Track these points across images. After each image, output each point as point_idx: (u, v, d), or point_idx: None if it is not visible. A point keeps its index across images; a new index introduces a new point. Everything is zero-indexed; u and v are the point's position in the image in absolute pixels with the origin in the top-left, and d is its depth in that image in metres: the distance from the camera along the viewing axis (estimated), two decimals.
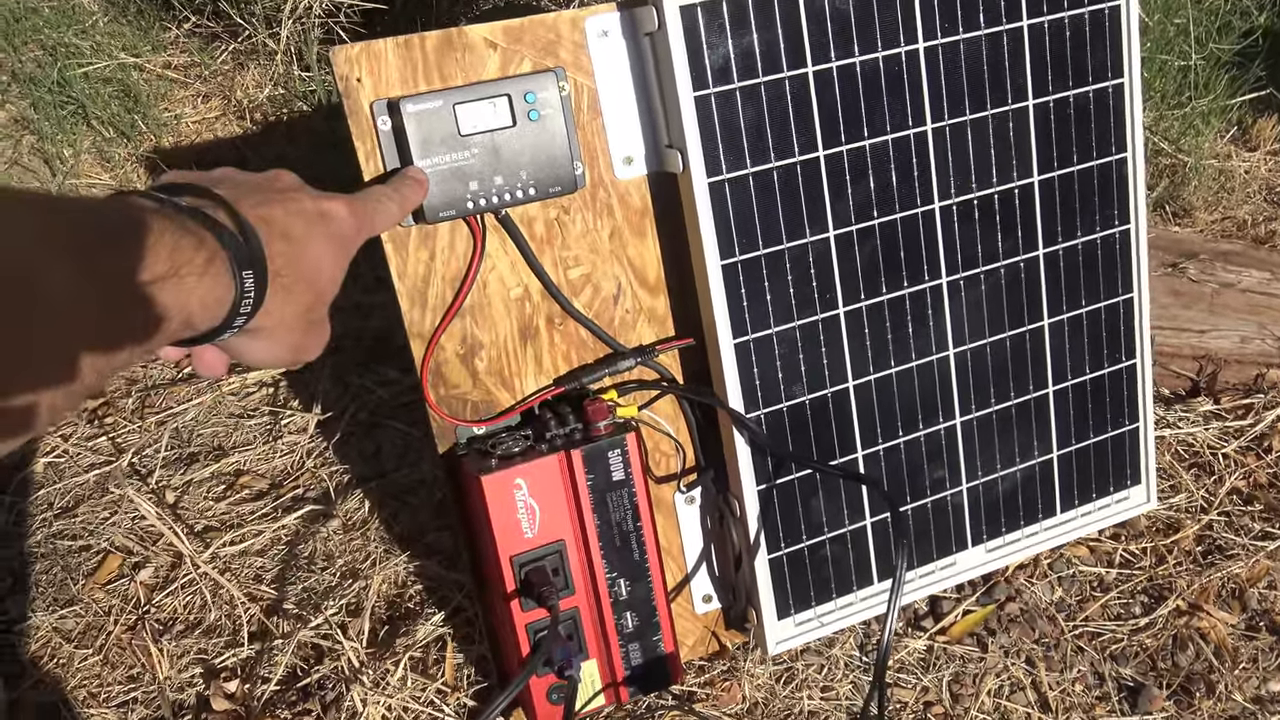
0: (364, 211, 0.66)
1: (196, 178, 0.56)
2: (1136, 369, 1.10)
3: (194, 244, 0.47)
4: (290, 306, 0.55)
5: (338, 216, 0.61)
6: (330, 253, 0.59)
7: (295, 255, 0.56)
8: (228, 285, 0.50)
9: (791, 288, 0.93)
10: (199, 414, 1.42)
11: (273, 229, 0.54)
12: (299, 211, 0.58)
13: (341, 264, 0.61)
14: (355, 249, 0.64)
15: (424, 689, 1.03)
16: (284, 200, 0.57)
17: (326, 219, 0.60)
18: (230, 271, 0.50)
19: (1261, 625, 1.11)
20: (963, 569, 1.07)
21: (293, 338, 0.57)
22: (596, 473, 0.88)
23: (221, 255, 0.49)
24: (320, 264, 0.58)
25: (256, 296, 0.52)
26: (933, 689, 1.05)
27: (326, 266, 0.58)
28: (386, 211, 0.72)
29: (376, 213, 0.69)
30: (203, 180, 0.56)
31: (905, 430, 1.02)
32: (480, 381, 0.92)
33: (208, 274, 0.48)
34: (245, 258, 0.51)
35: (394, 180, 0.79)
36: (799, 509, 0.99)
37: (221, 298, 0.49)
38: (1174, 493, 1.26)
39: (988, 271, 1.01)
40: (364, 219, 0.65)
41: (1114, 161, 1.04)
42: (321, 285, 0.58)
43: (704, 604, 1.05)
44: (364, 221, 0.65)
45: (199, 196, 0.52)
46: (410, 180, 0.80)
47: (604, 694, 0.95)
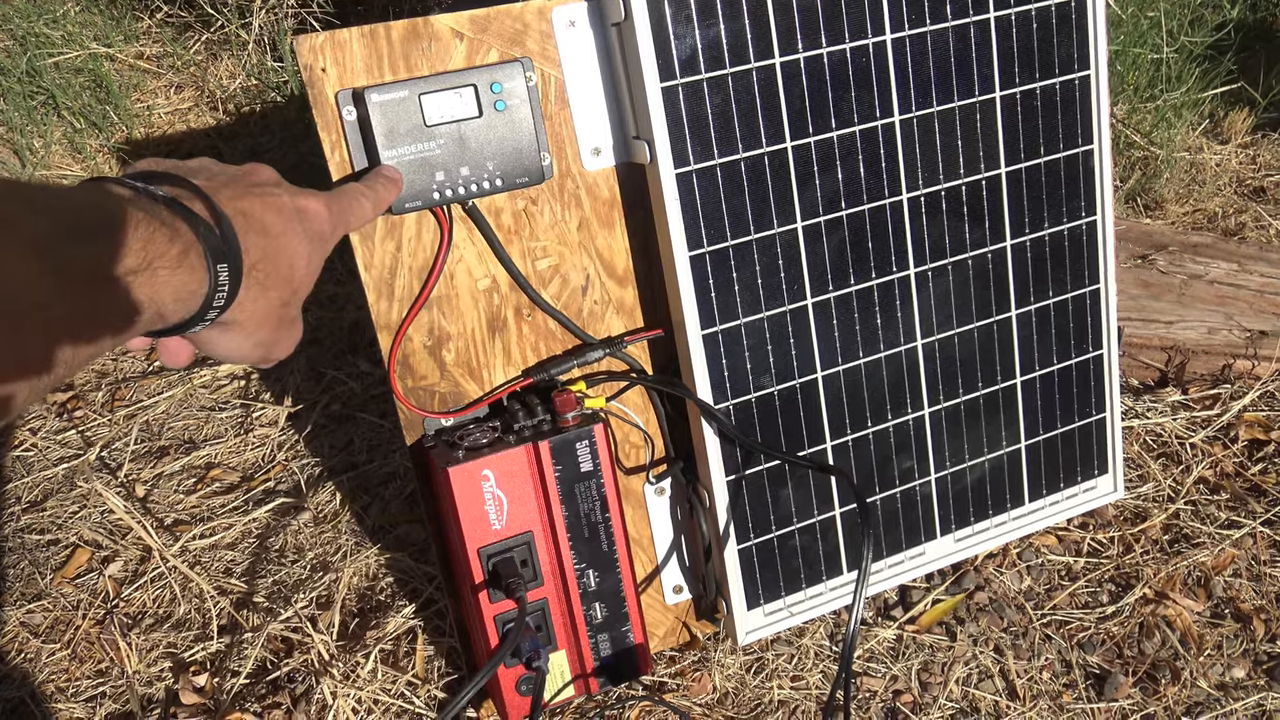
0: (340, 209, 0.66)
1: (173, 166, 0.56)
2: (1104, 359, 1.11)
3: (168, 236, 0.47)
4: (264, 301, 0.55)
5: (314, 213, 0.61)
6: (306, 249, 0.59)
7: (271, 250, 0.55)
8: (201, 278, 0.49)
9: (759, 279, 0.93)
10: (169, 407, 1.41)
11: (250, 222, 0.54)
12: (276, 207, 0.57)
13: (317, 261, 0.61)
14: (331, 246, 0.63)
15: (394, 681, 1.03)
16: (262, 194, 0.57)
17: (303, 215, 0.60)
18: (204, 264, 0.49)
19: (1226, 613, 1.12)
20: (932, 559, 1.08)
21: (264, 333, 0.56)
22: (565, 464, 0.88)
23: (196, 247, 0.49)
24: (295, 260, 0.57)
25: (230, 290, 0.51)
26: (902, 678, 1.05)
27: (301, 263, 0.58)
28: (361, 209, 0.72)
29: (351, 211, 0.69)
30: (180, 169, 0.55)
31: (874, 421, 1.02)
32: (448, 373, 0.92)
33: (181, 266, 0.47)
34: (220, 250, 0.50)
35: (368, 178, 0.78)
36: (768, 500, 0.99)
37: (195, 290, 0.49)
38: (1142, 482, 1.27)
39: (956, 263, 1.01)
40: (339, 217, 0.65)
41: (1081, 153, 1.04)
42: (296, 281, 0.58)
43: (674, 595, 1.05)
44: (339, 219, 0.65)
45: (176, 186, 0.52)
46: (384, 178, 0.80)
47: (573, 685, 0.95)
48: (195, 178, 0.54)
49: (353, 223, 0.70)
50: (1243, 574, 1.16)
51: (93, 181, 0.49)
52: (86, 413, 1.40)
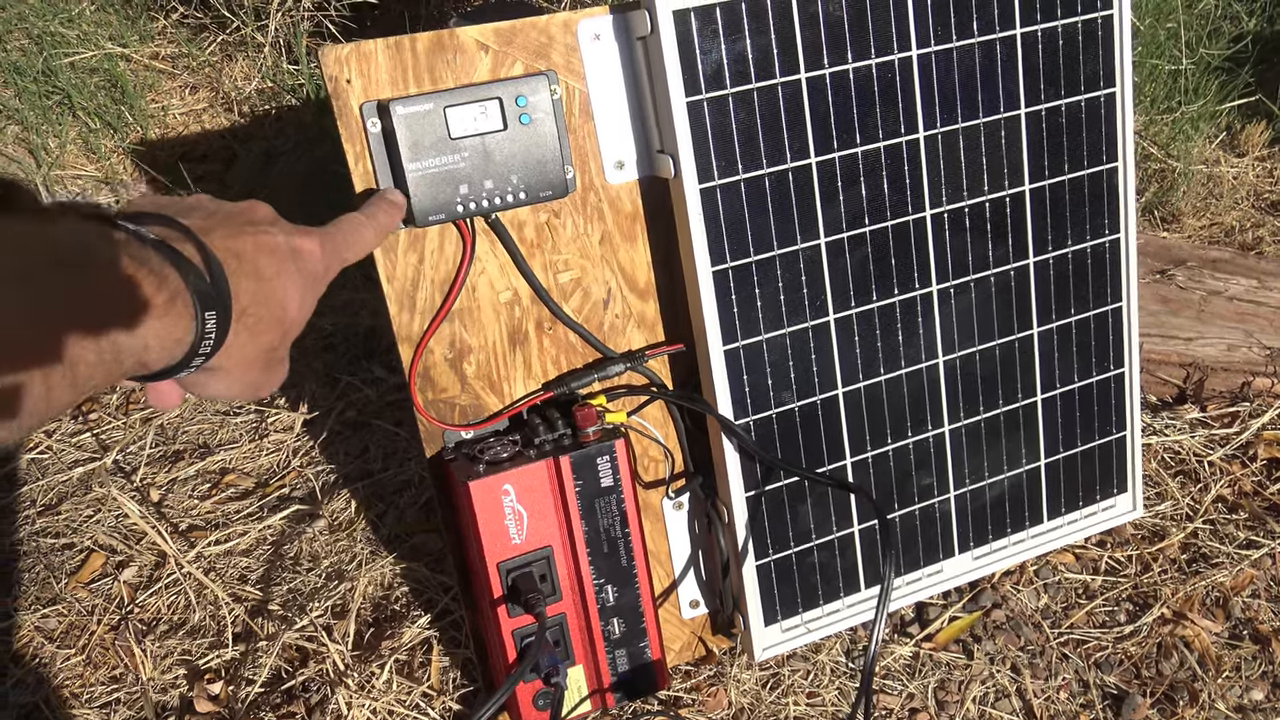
0: (335, 247, 0.65)
1: (168, 205, 0.54)
2: (1125, 378, 1.10)
3: (155, 283, 0.46)
4: (252, 346, 0.54)
5: (309, 254, 0.60)
6: (298, 291, 0.57)
7: (263, 294, 0.54)
8: (188, 326, 0.48)
9: (782, 294, 0.93)
10: (185, 411, 1.41)
11: (242, 265, 0.53)
12: (271, 248, 0.56)
13: (309, 302, 0.59)
14: (325, 285, 0.62)
15: (409, 692, 1.02)
16: (256, 234, 0.56)
17: (298, 256, 0.58)
18: (192, 312, 0.48)
19: (1245, 634, 1.11)
20: (949, 576, 1.08)
21: (250, 375, 0.55)
22: (585, 479, 0.88)
23: (184, 294, 0.47)
24: (288, 303, 0.56)
25: (218, 337, 0.50)
26: (918, 695, 1.05)
27: (294, 305, 0.57)
28: (361, 240, 0.70)
29: (349, 245, 0.68)
30: (173, 209, 0.54)
31: (894, 437, 1.01)
32: (469, 385, 0.91)
33: (168, 315, 0.46)
34: (209, 296, 0.49)
35: (369, 205, 0.77)
36: (787, 516, 0.99)
37: (181, 339, 0.48)
38: (1160, 500, 1.26)
39: (978, 279, 1.01)
40: (335, 255, 0.64)
41: (1104, 171, 1.04)
42: (287, 324, 0.57)
43: (691, 609, 1.05)
44: (335, 257, 0.64)
45: (167, 227, 0.50)
46: (386, 204, 0.78)
47: (590, 700, 0.94)
48: (189, 217, 0.53)
49: (350, 256, 0.68)
50: (1261, 595, 1.15)
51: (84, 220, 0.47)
52: (101, 416, 1.40)
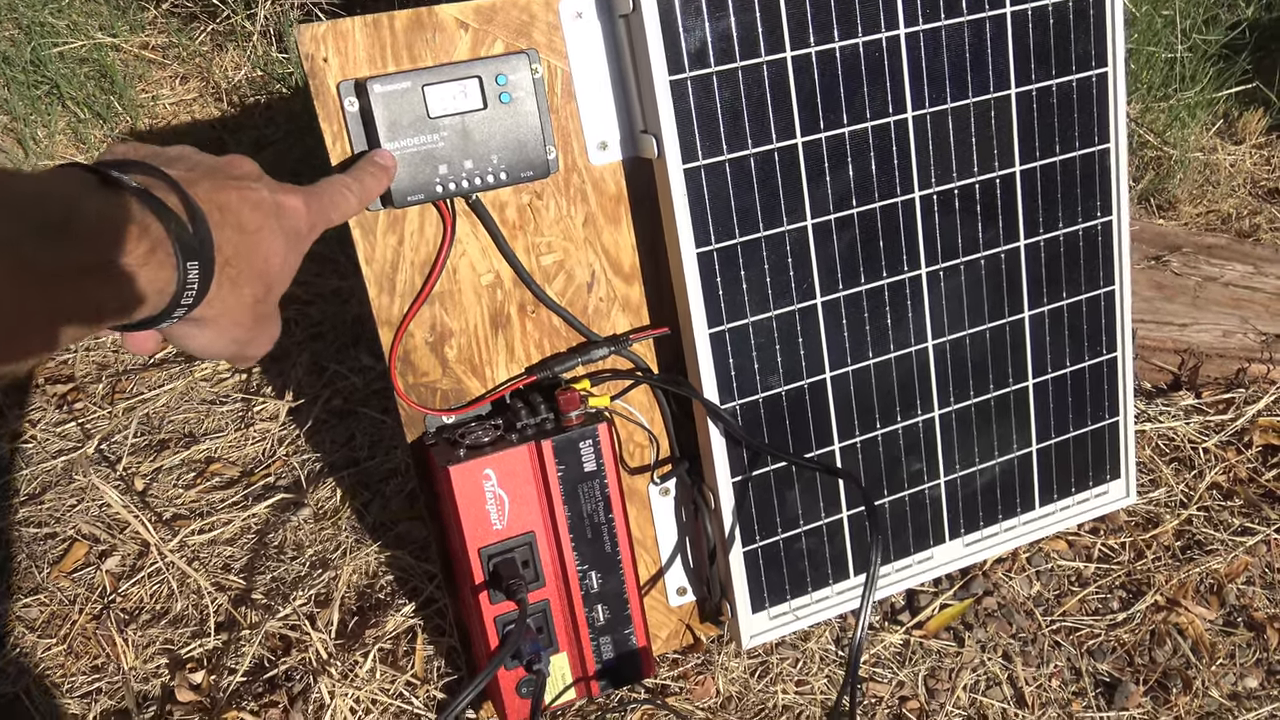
0: (320, 205, 0.64)
1: (152, 154, 0.54)
2: (1117, 362, 1.09)
3: (136, 232, 0.45)
4: (235, 298, 0.53)
5: (292, 210, 0.59)
6: (282, 246, 0.57)
7: (246, 246, 0.54)
8: (169, 275, 0.47)
9: (768, 277, 0.92)
10: (170, 400, 1.40)
11: (225, 216, 0.53)
12: (254, 201, 0.56)
13: (293, 259, 0.59)
14: (309, 243, 0.62)
15: (393, 681, 1.01)
16: (240, 188, 0.55)
17: (281, 211, 0.58)
18: (173, 261, 0.47)
19: (1239, 621, 1.10)
20: (940, 563, 1.06)
21: (238, 330, 0.55)
22: (567, 463, 0.87)
23: (165, 243, 0.47)
24: (271, 256, 0.56)
25: (200, 287, 0.50)
26: (908, 683, 1.04)
27: (277, 259, 0.56)
28: (345, 203, 0.70)
29: (334, 206, 0.68)
30: (158, 158, 0.54)
31: (883, 423, 1.00)
32: (450, 369, 0.90)
33: (149, 263, 0.46)
34: (191, 246, 0.49)
35: (356, 167, 0.76)
36: (774, 502, 0.97)
37: (162, 288, 0.47)
38: (1154, 487, 1.25)
39: (968, 262, 0.99)
40: (319, 213, 0.64)
41: (1096, 152, 1.02)
42: (271, 278, 0.56)
43: (678, 597, 1.04)
44: (319, 216, 0.64)
45: (150, 176, 0.50)
46: (374, 166, 0.78)
47: (574, 687, 0.93)
48: (173, 167, 0.53)
49: (335, 217, 0.68)
50: (1256, 582, 1.14)
51: (64, 167, 0.47)
52: (86, 405, 1.39)
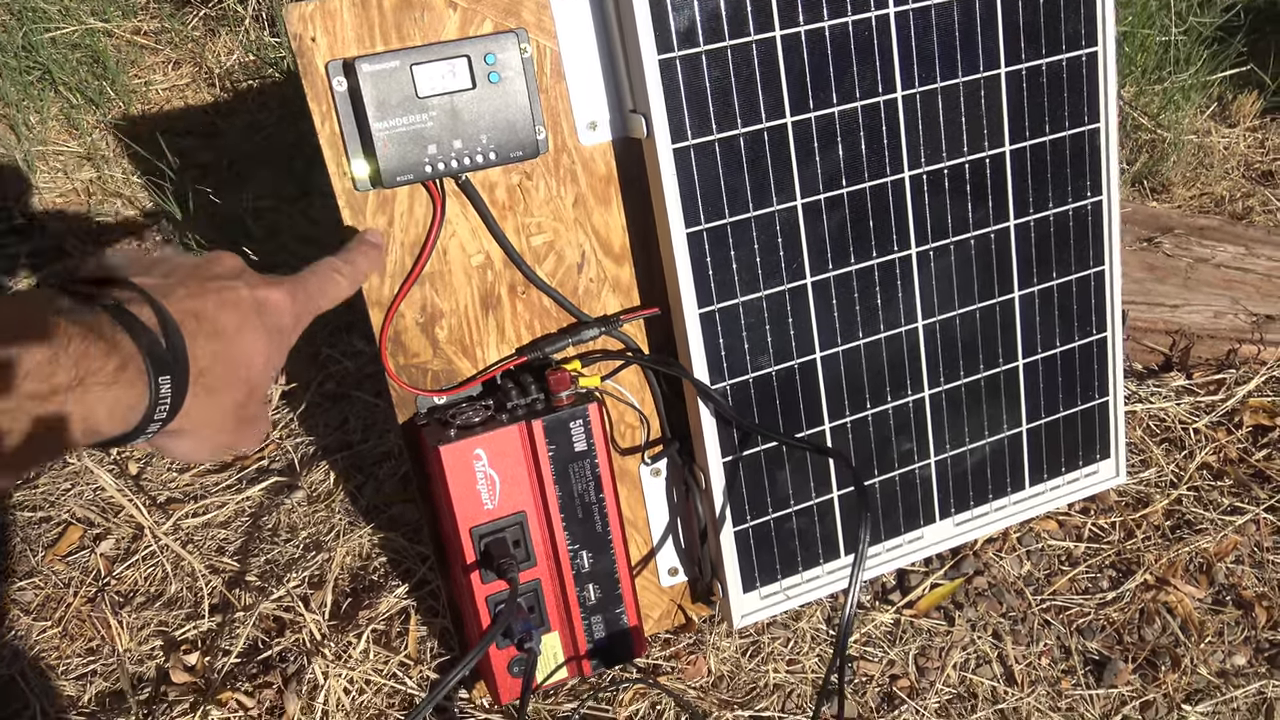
0: (306, 295, 0.63)
1: (131, 264, 0.54)
2: (1107, 342, 1.09)
3: (104, 350, 0.45)
4: (214, 407, 0.53)
5: (275, 306, 0.58)
6: (263, 345, 0.56)
7: (223, 353, 0.53)
8: (141, 392, 0.47)
9: (758, 257, 0.92)
10: None
11: (201, 324, 0.52)
12: (234, 302, 0.55)
13: (276, 356, 0.58)
14: (295, 337, 0.61)
15: (386, 662, 1.02)
16: (219, 290, 0.55)
17: (263, 309, 0.57)
18: (145, 378, 0.47)
19: (1228, 600, 1.11)
20: (930, 542, 1.07)
21: (220, 436, 0.54)
22: (558, 443, 0.87)
23: (136, 360, 0.47)
24: (252, 359, 0.55)
25: (174, 401, 0.49)
26: (899, 662, 1.04)
27: (259, 361, 0.56)
28: (335, 288, 0.69)
29: (323, 293, 0.67)
30: (135, 268, 0.53)
31: (873, 403, 1.00)
32: (441, 350, 0.90)
33: (118, 381, 0.45)
34: (164, 361, 0.48)
35: (346, 248, 0.75)
36: (765, 481, 0.98)
37: (134, 405, 0.47)
38: (1144, 467, 1.25)
39: (958, 242, 0.99)
40: (305, 304, 0.63)
41: (1086, 132, 1.02)
42: (253, 381, 0.55)
43: (669, 577, 1.04)
44: (305, 306, 0.63)
45: (125, 289, 0.50)
46: (365, 245, 0.77)
47: (566, 666, 0.94)
48: (149, 275, 0.52)
49: (324, 304, 0.67)
50: (1245, 561, 1.15)
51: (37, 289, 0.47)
52: None
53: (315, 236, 1.66)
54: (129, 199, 1.80)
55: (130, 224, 1.75)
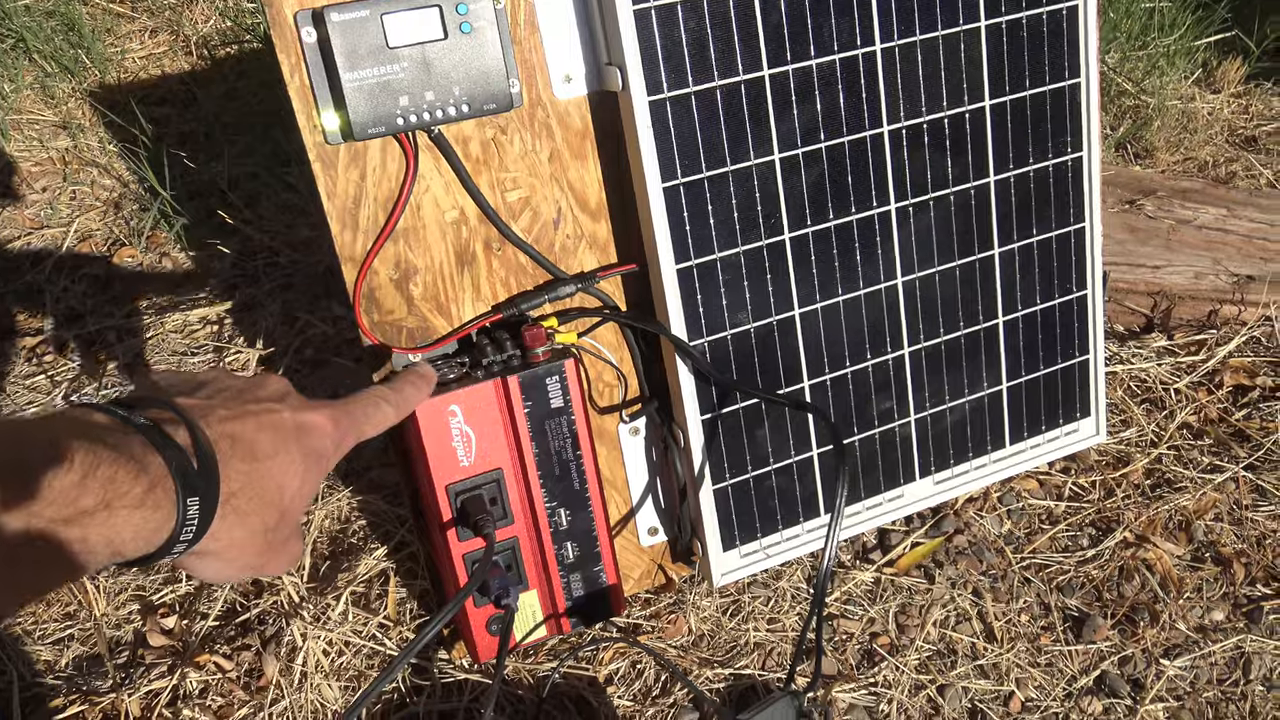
0: (350, 421, 0.63)
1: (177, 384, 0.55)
2: (1088, 300, 1.09)
3: (133, 472, 0.45)
4: (243, 530, 0.52)
5: (317, 429, 0.58)
6: (299, 470, 0.55)
7: (256, 476, 0.53)
8: (167, 514, 0.47)
9: (736, 212, 0.91)
10: (141, 351, 1.39)
11: (237, 446, 0.52)
12: (274, 425, 0.54)
13: (313, 482, 0.57)
14: (334, 462, 0.60)
15: (365, 623, 1.01)
16: (259, 413, 0.54)
17: (303, 433, 0.56)
18: (172, 500, 0.47)
19: (1207, 556, 1.11)
20: (910, 501, 1.07)
21: (247, 558, 0.54)
22: (534, 400, 0.86)
23: (165, 482, 0.47)
24: (285, 483, 0.54)
25: (201, 524, 0.49)
26: (879, 620, 1.04)
27: (293, 485, 0.55)
28: (380, 416, 0.68)
29: (367, 419, 0.66)
30: (179, 388, 0.54)
31: (853, 360, 1.00)
32: (415, 308, 0.89)
33: (145, 504, 0.45)
34: (195, 484, 0.48)
35: (396, 378, 0.76)
36: (744, 440, 0.97)
37: (159, 527, 0.47)
38: (1125, 427, 1.25)
39: (937, 198, 0.99)
40: (348, 429, 0.62)
41: (1067, 87, 1.01)
42: (284, 505, 0.54)
43: (649, 537, 1.04)
44: (347, 432, 0.62)
45: (162, 409, 0.50)
46: (415, 377, 0.77)
47: (545, 625, 0.93)
48: (192, 396, 0.53)
49: (368, 430, 0.66)
50: (1224, 518, 1.15)
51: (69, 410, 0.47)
52: (55, 358, 1.38)
53: (295, 204, 1.64)
54: (105, 168, 1.78)
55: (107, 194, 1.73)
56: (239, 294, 1.47)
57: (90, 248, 1.62)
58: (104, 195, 1.73)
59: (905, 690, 0.98)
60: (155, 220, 1.60)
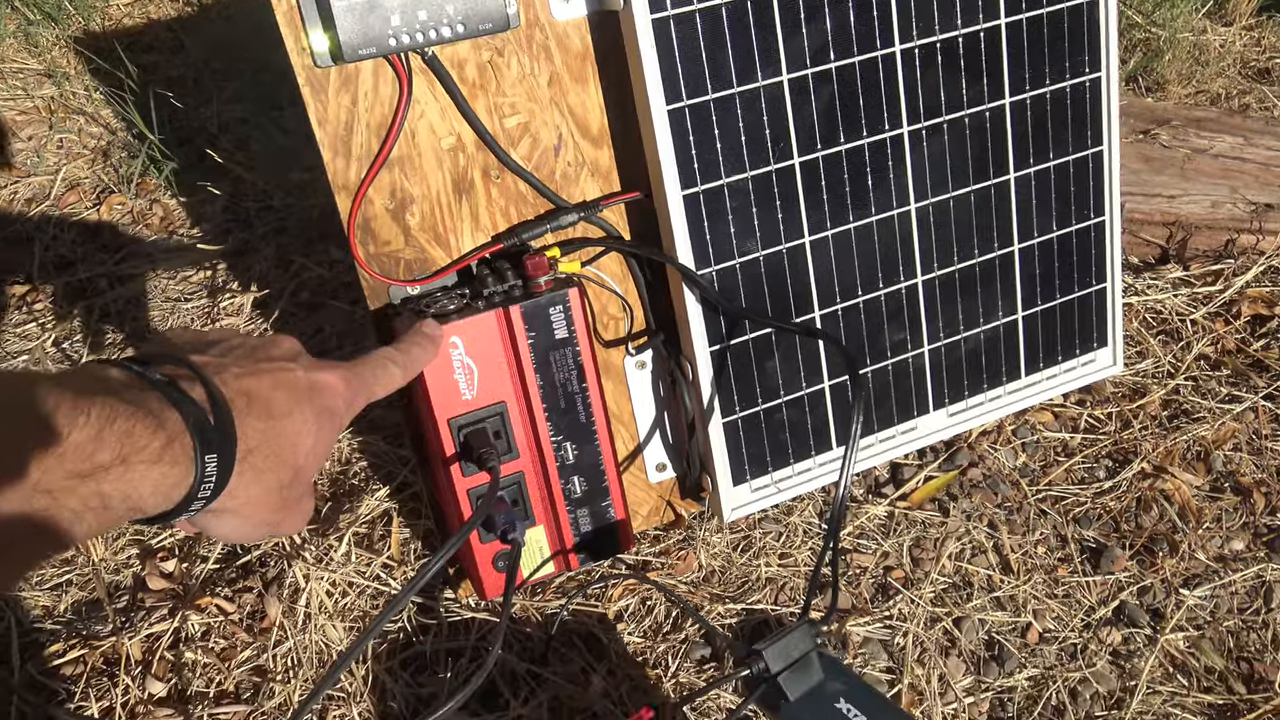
0: (360, 382, 0.63)
1: (190, 340, 0.55)
2: (1105, 226, 1.06)
3: (151, 428, 0.44)
4: (259, 487, 0.52)
5: (329, 389, 0.58)
6: (313, 428, 0.55)
7: (272, 433, 0.53)
8: (185, 470, 0.46)
9: (743, 135, 0.88)
10: (133, 298, 1.36)
11: (252, 404, 0.52)
12: (288, 384, 0.55)
13: (325, 441, 0.57)
14: (346, 422, 0.60)
15: (369, 564, 1.00)
16: (272, 371, 0.54)
17: (316, 392, 0.57)
18: (190, 456, 0.46)
19: (1226, 486, 1.09)
20: (924, 433, 1.04)
21: (263, 514, 0.54)
22: (538, 330, 0.84)
23: (183, 438, 0.46)
24: (300, 441, 0.54)
25: (219, 481, 0.49)
26: (893, 554, 1.02)
27: (307, 443, 0.55)
28: (388, 377, 0.67)
29: (376, 380, 0.66)
30: (192, 345, 0.54)
31: (865, 289, 0.97)
32: (413, 238, 0.86)
33: (163, 459, 0.45)
34: (212, 440, 0.48)
35: (403, 338, 0.74)
36: (754, 371, 0.95)
37: (177, 483, 0.46)
38: (1141, 359, 1.23)
39: (951, 121, 0.95)
40: (359, 389, 0.62)
41: (1085, 4, 0.98)
42: (299, 463, 0.54)
43: (658, 473, 1.02)
44: (358, 393, 0.62)
45: (178, 366, 0.49)
46: (421, 337, 0.75)
47: (553, 561, 0.92)
48: (205, 353, 0.53)
49: (377, 392, 0.66)
50: (1243, 448, 1.13)
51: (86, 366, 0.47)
52: (46, 305, 1.35)
53: (288, 148, 1.60)
54: (92, 115, 1.74)
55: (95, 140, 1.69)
56: (232, 239, 1.44)
57: (79, 196, 1.58)
58: (91, 143, 1.69)
59: (921, 623, 0.96)
60: (144, 166, 1.56)
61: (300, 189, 1.51)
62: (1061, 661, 0.94)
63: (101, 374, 0.46)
